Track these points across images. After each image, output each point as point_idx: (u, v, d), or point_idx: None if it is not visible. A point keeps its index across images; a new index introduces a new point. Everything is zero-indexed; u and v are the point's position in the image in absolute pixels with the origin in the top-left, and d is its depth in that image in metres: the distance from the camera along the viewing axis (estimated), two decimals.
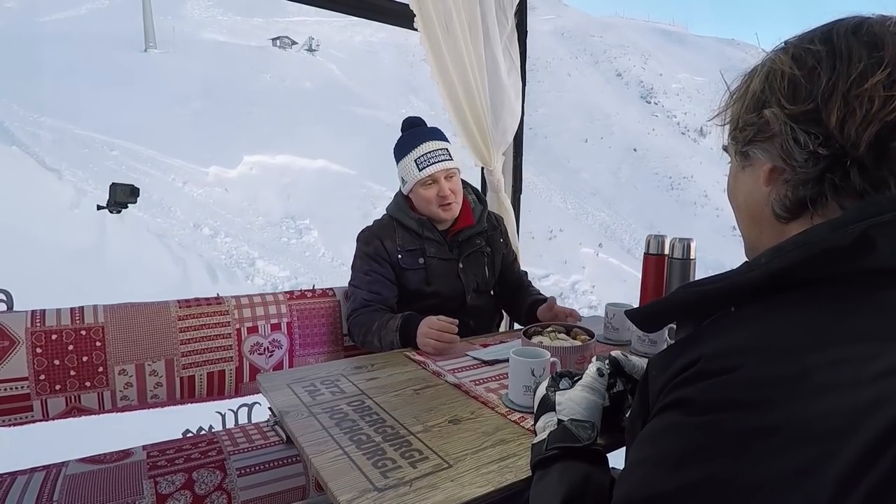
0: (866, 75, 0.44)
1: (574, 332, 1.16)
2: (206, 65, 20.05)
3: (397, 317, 1.33)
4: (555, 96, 26.10)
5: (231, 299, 1.49)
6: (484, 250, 1.59)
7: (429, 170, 1.43)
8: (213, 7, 31.88)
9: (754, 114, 0.51)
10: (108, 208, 1.38)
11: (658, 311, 0.55)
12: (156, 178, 12.05)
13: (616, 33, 34.29)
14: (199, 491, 1.17)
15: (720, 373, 0.41)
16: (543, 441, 0.66)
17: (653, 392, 0.48)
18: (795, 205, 0.49)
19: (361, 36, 29.47)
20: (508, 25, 2.02)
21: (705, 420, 0.40)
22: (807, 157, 0.47)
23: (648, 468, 0.43)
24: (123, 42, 20.62)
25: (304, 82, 21.19)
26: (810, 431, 0.36)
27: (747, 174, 0.55)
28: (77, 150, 12.40)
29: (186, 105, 16.48)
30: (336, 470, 0.73)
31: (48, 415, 1.27)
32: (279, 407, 0.94)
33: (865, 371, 0.37)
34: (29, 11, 23.60)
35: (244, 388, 1.49)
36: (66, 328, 1.27)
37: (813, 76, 0.46)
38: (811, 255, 0.43)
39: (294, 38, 27.60)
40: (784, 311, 0.44)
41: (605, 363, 0.76)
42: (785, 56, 0.50)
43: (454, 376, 1.08)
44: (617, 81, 29.60)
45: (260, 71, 21.42)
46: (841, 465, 0.34)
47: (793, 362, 0.39)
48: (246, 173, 13.96)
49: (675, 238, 1.34)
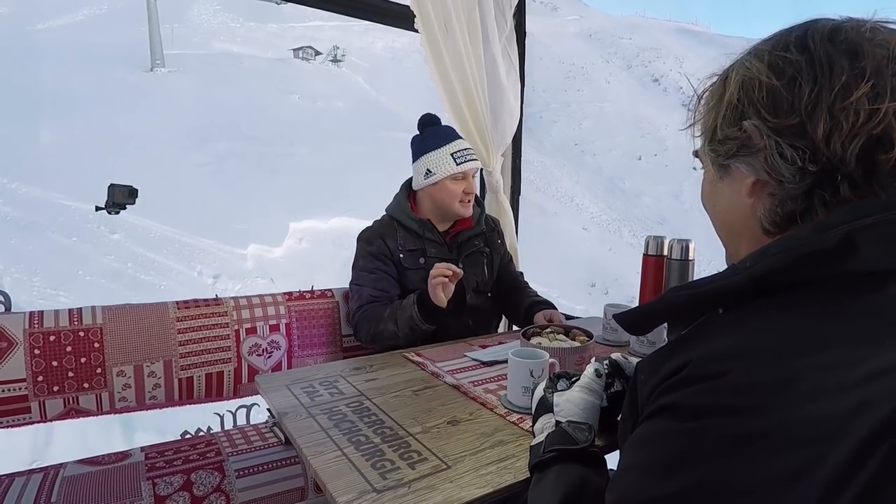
0: (850, 88, 0.43)
1: (573, 333, 1.16)
2: (224, 86, 17.03)
3: (410, 296, 1.35)
4: (597, 107, 24.08)
5: (230, 300, 1.49)
6: (483, 251, 1.59)
7: (465, 166, 1.48)
8: (222, 12, 29.50)
9: (735, 127, 0.50)
10: (107, 209, 1.37)
11: (647, 315, 0.55)
12: (177, 275, 8.15)
13: (644, 34, 32.63)
14: (197, 492, 1.17)
15: (708, 378, 0.41)
16: (541, 443, 0.66)
17: (642, 396, 0.48)
18: (784, 219, 0.49)
19: (383, 41, 27.67)
20: (507, 27, 2.02)
21: (693, 426, 0.40)
22: (794, 172, 0.46)
23: (638, 474, 0.43)
24: (125, 58, 18.13)
25: (336, 102, 18.81)
26: (798, 436, 0.36)
27: (726, 184, 0.54)
28: (58, 241, 8.21)
29: (207, 146, 12.88)
30: (335, 471, 0.73)
31: (46, 416, 1.26)
32: (278, 408, 0.94)
33: (851, 375, 0.37)
34: (22, 18, 21.59)
35: (243, 389, 1.49)
36: (65, 329, 1.27)
37: (793, 87, 0.45)
38: (795, 258, 0.43)
39: (316, 46, 25.77)
40: (770, 315, 0.44)
41: (603, 364, 0.76)
42: (760, 64, 0.48)
43: (453, 377, 1.08)
44: (654, 88, 27.80)
45: (287, 90, 18.75)
46: (829, 469, 0.34)
47: (780, 367, 0.39)
48: (295, 248, 9.78)
49: (673, 239, 1.34)
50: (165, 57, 19.30)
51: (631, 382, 0.53)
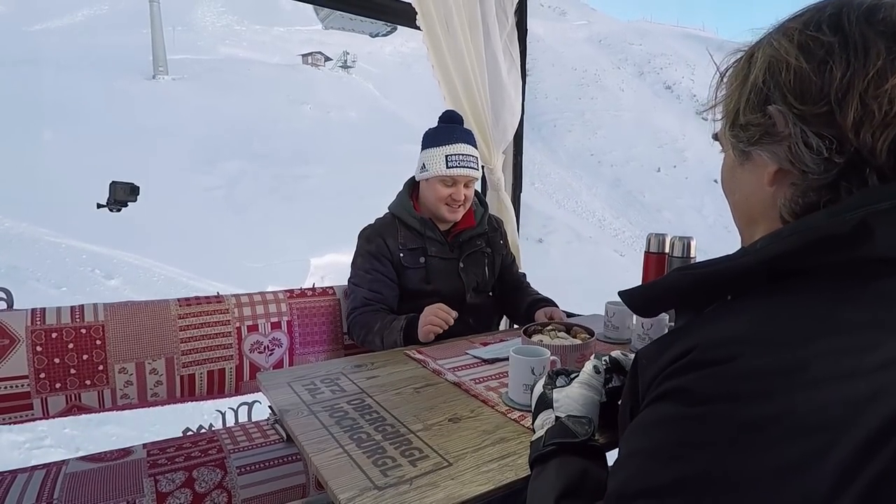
0: (886, 74, 0.40)
1: (574, 330, 1.16)
2: (231, 95, 16.11)
3: (401, 318, 1.34)
4: (612, 116, 22.97)
5: (231, 298, 1.49)
6: (484, 251, 1.59)
7: (456, 171, 1.45)
8: (227, 14, 28.52)
9: (758, 112, 0.47)
10: (108, 207, 1.37)
11: (654, 294, 0.53)
12: None
13: (653, 40, 31.81)
14: (199, 489, 1.17)
15: (716, 363, 0.40)
16: (541, 438, 0.66)
17: (643, 382, 0.47)
18: (805, 210, 0.46)
19: (391, 46, 26.86)
20: (508, 24, 2.02)
21: (701, 411, 0.39)
22: (819, 162, 0.43)
23: (642, 460, 0.42)
24: (126, 64, 17.12)
25: (349, 112, 18.24)
26: (809, 423, 0.35)
27: (746, 171, 0.51)
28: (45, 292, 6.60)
29: (216, 166, 11.75)
30: (336, 468, 0.73)
31: (48, 413, 1.27)
32: (279, 405, 0.94)
33: (864, 362, 0.36)
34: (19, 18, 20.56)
35: (244, 386, 1.49)
36: (67, 326, 1.27)
37: (824, 71, 0.42)
38: (808, 242, 0.41)
39: (324, 51, 25.05)
40: (781, 300, 0.43)
41: (601, 360, 0.76)
42: (789, 44, 0.45)
43: (454, 375, 1.08)
44: (667, 95, 26.79)
45: (298, 100, 18.02)
46: (840, 457, 0.33)
47: (790, 353, 0.38)
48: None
49: (675, 236, 1.34)
50: (169, 62, 18.48)
51: (631, 369, 0.52)
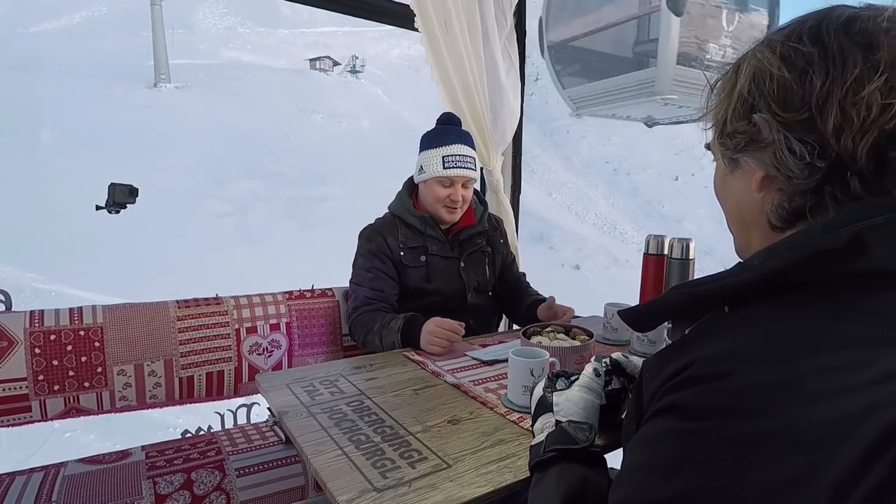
0: (863, 81, 0.42)
1: (573, 332, 1.16)
2: (237, 104, 14.93)
3: (399, 317, 1.33)
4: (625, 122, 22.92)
5: (230, 299, 1.49)
6: (485, 250, 1.59)
7: (453, 171, 1.46)
8: (229, 15, 27.43)
9: (744, 120, 0.49)
10: (107, 209, 1.36)
11: (651, 312, 0.55)
12: None
13: None
14: (198, 491, 1.17)
15: (712, 378, 0.40)
16: (541, 443, 0.65)
17: (647, 395, 0.47)
18: (792, 215, 0.48)
19: (398, 49, 26.11)
20: (507, 26, 2.02)
21: (697, 426, 0.39)
22: (802, 167, 0.45)
23: (643, 475, 0.43)
24: (126, 70, 16.08)
25: (362, 121, 17.40)
26: (804, 439, 0.35)
27: (736, 178, 0.53)
28: None
29: (226, 189, 10.63)
30: (335, 470, 0.73)
31: (47, 415, 1.27)
32: (278, 407, 0.94)
33: (858, 377, 0.36)
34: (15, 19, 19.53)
35: (243, 388, 1.49)
36: (65, 328, 1.27)
37: (804, 80, 0.44)
38: (804, 257, 0.42)
39: (331, 54, 24.03)
40: (776, 315, 0.43)
41: (601, 363, 0.76)
42: (772, 55, 0.47)
43: (453, 376, 1.08)
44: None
45: (307, 108, 17.11)
46: (835, 472, 0.33)
47: (785, 368, 0.38)
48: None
49: (674, 238, 1.34)
50: (170, 67, 17.51)
51: (637, 381, 0.53)
